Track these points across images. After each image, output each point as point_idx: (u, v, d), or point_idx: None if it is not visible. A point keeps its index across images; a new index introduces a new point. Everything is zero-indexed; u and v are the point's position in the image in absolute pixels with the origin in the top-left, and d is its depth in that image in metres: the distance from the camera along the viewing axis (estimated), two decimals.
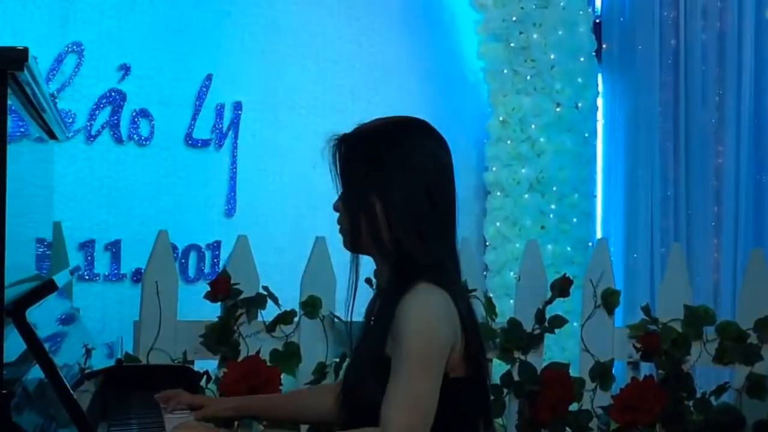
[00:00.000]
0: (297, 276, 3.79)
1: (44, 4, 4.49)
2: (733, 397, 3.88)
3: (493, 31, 5.51)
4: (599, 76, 5.80)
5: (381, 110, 2.20)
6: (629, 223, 5.76)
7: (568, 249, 5.48)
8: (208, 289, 3.66)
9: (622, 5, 5.83)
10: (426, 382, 2.00)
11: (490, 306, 3.85)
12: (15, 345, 1.93)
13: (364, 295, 2.24)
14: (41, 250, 2.71)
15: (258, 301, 3.68)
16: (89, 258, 4.59)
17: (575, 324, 4.26)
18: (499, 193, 5.51)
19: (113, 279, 4.65)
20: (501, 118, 5.52)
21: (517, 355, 3.86)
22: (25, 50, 1.78)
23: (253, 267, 3.73)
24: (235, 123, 4.98)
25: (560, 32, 5.48)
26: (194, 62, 4.86)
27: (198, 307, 3.80)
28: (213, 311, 3.72)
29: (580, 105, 5.58)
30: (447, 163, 2.16)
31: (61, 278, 2.39)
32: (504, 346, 3.84)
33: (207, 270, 4.85)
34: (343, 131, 2.18)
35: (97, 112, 4.62)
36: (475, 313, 2.17)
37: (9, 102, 1.82)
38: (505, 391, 3.83)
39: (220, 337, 3.63)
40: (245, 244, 3.76)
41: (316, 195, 5.11)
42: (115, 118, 4.65)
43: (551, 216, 5.48)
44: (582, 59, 5.56)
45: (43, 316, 2.17)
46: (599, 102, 5.83)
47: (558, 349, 4.79)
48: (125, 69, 4.68)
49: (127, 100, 4.67)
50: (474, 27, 5.60)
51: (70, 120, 4.52)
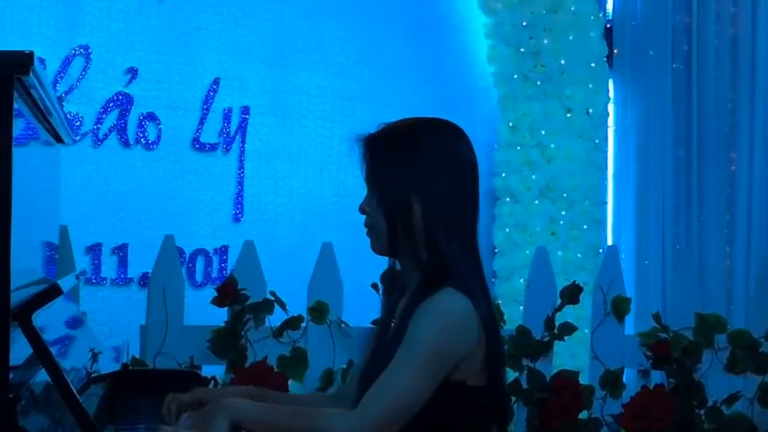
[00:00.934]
0: (304, 281, 3.78)
1: (52, 7, 4.49)
2: (745, 406, 3.85)
3: (503, 35, 5.48)
4: (610, 82, 5.75)
5: (389, 115, 2.15)
6: (640, 230, 5.72)
7: (579, 256, 5.44)
8: (216, 294, 3.66)
9: (634, 10, 5.79)
10: (418, 383, 1.96)
11: (498, 313, 3.82)
12: (21, 349, 1.91)
13: (368, 299, 2.21)
14: (48, 253, 2.70)
15: (265, 307, 3.69)
16: (96, 262, 4.58)
17: (585, 331, 4.23)
18: (508, 199, 5.48)
19: (120, 283, 4.63)
20: (511, 124, 5.49)
21: (525, 362, 3.84)
22: (31, 54, 1.78)
23: (260, 272, 3.74)
24: (242, 127, 4.96)
25: (571, 37, 5.45)
26: (202, 66, 4.85)
27: (205, 312, 3.80)
28: (220, 316, 3.72)
29: (590, 111, 5.54)
30: (476, 164, 2.13)
31: (67, 282, 2.39)
32: (512, 354, 3.81)
33: (214, 275, 4.83)
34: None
35: (105, 115, 4.61)
36: (496, 317, 2.11)
37: (15, 105, 1.81)
38: (514, 398, 3.81)
39: (227, 343, 3.63)
40: (252, 249, 3.76)
41: (324, 200, 5.11)
42: (123, 121, 4.64)
43: (561, 222, 5.45)
44: (593, 64, 5.52)
45: (49, 319, 2.16)
46: (610, 108, 5.78)
47: (568, 356, 4.75)
48: (133, 72, 4.67)
49: (134, 103, 4.67)
50: (484, 32, 5.57)
51: (77, 123, 4.52)
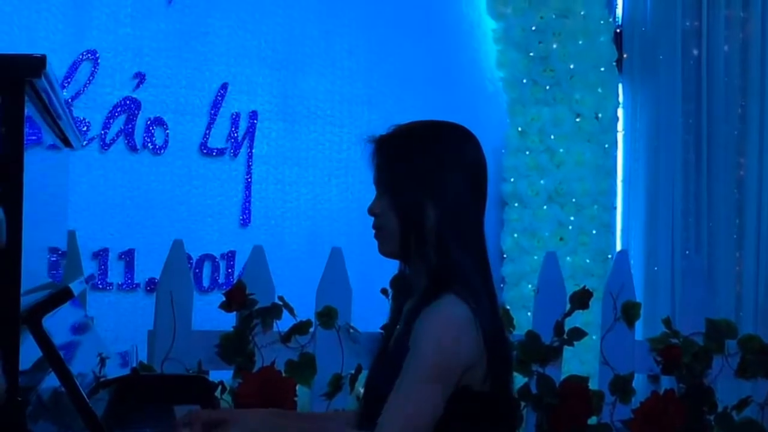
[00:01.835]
0: (313, 286, 3.77)
1: (59, 11, 4.49)
2: (755, 411, 3.83)
3: (512, 40, 5.46)
4: (620, 87, 5.73)
5: (397, 120, 2.13)
6: (650, 235, 5.69)
7: (588, 261, 5.42)
8: (223, 299, 3.65)
9: (644, 15, 5.77)
10: (429, 396, 1.94)
11: (507, 318, 3.80)
12: (29, 353, 1.91)
13: (377, 304, 2.19)
14: (55, 258, 2.69)
15: (273, 312, 3.68)
16: (103, 267, 4.57)
17: (594, 337, 4.21)
18: (516, 204, 5.46)
19: (127, 288, 4.62)
20: (520, 129, 5.48)
21: (534, 368, 3.82)
22: (43, 57, 1.77)
23: (268, 277, 3.73)
24: (250, 132, 4.95)
25: (580, 42, 5.43)
26: (210, 70, 4.85)
27: (211, 318, 3.79)
28: (228, 321, 3.71)
29: (600, 115, 5.52)
30: (487, 170, 2.11)
31: (74, 287, 2.37)
32: (521, 359, 3.80)
33: (222, 280, 4.82)
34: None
35: (112, 120, 4.61)
36: (503, 325, 2.08)
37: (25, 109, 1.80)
38: (523, 404, 3.79)
39: (235, 348, 3.62)
40: (261, 254, 3.75)
41: (332, 205, 5.09)
42: (130, 126, 4.64)
43: (570, 227, 5.43)
44: (602, 69, 5.50)
45: (56, 324, 2.15)
46: (619, 112, 5.77)
47: (577, 362, 4.73)
48: (140, 77, 4.66)
49: (141, 108, 4.66)
50: (493, 36, 5.56)
51: (85, 128, 4.51)
